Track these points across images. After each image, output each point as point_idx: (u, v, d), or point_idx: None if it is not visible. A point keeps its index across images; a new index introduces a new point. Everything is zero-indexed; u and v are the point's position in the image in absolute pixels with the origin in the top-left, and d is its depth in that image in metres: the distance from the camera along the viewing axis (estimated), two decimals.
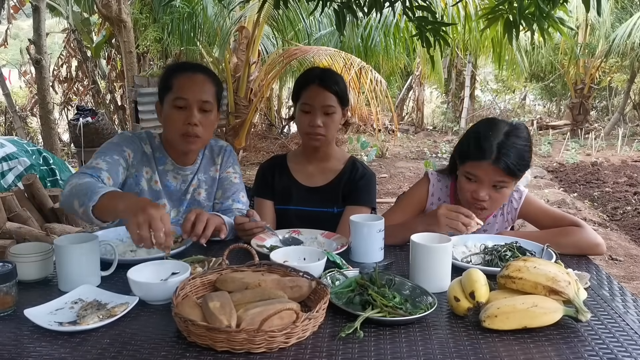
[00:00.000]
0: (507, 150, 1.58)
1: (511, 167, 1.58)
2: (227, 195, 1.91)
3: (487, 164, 1.59)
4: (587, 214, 5.63)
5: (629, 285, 3.71)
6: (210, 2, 6.86)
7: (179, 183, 1.88)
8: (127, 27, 5.65)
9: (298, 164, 2.10)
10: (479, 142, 1.62)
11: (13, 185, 3.94)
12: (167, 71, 1.81)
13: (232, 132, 7.70)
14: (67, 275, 1.32)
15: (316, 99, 1.91)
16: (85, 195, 1.46)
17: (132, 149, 1.80)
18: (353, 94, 7.17)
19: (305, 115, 1.94)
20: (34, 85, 8.12)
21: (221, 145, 1.98)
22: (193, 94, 1.72)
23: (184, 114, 1.72)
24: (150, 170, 1.83)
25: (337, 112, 1.95)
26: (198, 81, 1.74)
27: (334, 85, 1.92)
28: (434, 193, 1.84)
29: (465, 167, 1.66)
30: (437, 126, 14.26)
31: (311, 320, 1.07)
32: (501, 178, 1.60)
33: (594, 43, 11.20)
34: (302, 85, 1.96)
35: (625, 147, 10.18)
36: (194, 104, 1.72)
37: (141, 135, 1.87)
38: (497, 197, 1.65)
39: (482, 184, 1.63)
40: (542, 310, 1.11)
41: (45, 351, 1.03)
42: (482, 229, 1.80)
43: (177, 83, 1.73)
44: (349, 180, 2.04)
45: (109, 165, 1.69)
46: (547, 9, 1.81)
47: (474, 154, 1.62)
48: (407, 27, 6.14)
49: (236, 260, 1.50)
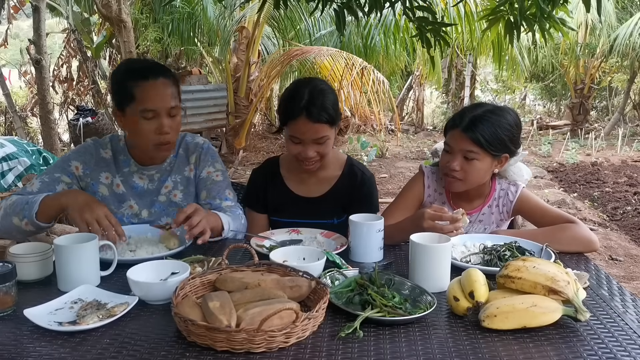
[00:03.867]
0: (478, 121, 1.68)
1: (479, 137, 1.66)
2: (213, 195, 1.86)
3: (457, 131, 1.71)
4: (587, 214, 5.63)
5: (629, 285, 3.70)
6: (211, 2, 6.86)
7: (146, 183, 1.84)
8: (127, 27, 5.64)
9: (292, 171, 1.97)
10: (457, 114, 1.78)
11: (13, 185, 3.94)
12: (122, 78, 1.70)
13: (232, 132, 7.71)
14: (67, 275, 1.32)
15: (306, 134, 1.76)
16: (23, 209, 1.61)
17: (82, 161, 1.79)
18: (354, 94, 7.17)
19: (295, 144, 1.80)
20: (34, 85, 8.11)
21: (197, 142, 1.90)
22: (161, 103, 1.66)
23: (154, 124, 1.67)
24: (110, 174, 1.82)
25: (331, 136, 1.80)
26: (161, 88, 1.67)
27: (323, 114, 1.75)
28: (429, 185, 1.88)
29: (445, 140, 1.78)
30: (437, 126, 14.24)
31: (311, 320, 1.07)
32: (470, 147, 1.69)
33: (594, 43, 11.19)
34: (288, 115, 1.79)
35: (625, 147, 10.17)
36: (162, 112, 1.67)
37: (104, 141, 1.86)
38: (467, 168, 1.71)
39: (454, 154, 1.72)
40: (541, 310, 1.11)
41: (45, 351, 1.03)
42: (477, 219, 1.82)
43: (141, 93, 1.65)
44: (349, 189, 1.94)
45: (43, 185, 1.73)
46: (548, 10, 1.81)
47: (451, 123, 1.76)
48: (407, 27, 6.14)
49: (236, 260, 1.51)
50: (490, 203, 1.83)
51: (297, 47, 7.25)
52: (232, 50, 7.58)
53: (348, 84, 6.96)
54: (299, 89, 1.81)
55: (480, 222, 1.83)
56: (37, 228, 1.63)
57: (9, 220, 1.64)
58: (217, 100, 7.34)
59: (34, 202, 1.60)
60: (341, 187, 1.95)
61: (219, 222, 1.70)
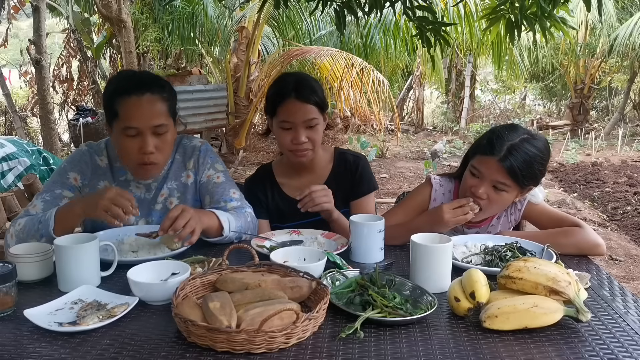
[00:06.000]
0: (516, 152, 1.58)
1: (515, 170, 1.58)
2: (216, 198, 1.78)
3: (493, 160, 1.60)
4: (587, 214, 5.63)
5: (629, 285, 3.70)
6: (211, 2, 6.86)
7: (143, 192, 1.78)
8: (127, 27, 5.64)
9: (286, 177, 1.95)
10: (492, 139, 1.64)
11: (13, 185, 3.93)
12: (109, 93, 1.63)
13: (232, 132, 7.71)
14: (67, 276, 1.32)
15: (296, 115, 1.76)
16: (38, 229, 1.55)
17: (78, 171, 1.73)
18: (354, 94, 7.17)
19: (286, 132, 1.79)
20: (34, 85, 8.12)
21: (194, 145, 1.82)
22: (143, 121, 1.57)
23: (137, 142, 1.59)
24: (108, 182, 1.75)
25: (320, 122, 1.80)
26: (146, 105, 1.58)
27: (313, 95, 1.76)
28: (436, 198, 1.82)
29: (473, 161, 1.68)
30: (437, 126, 14.24)
31: (311, 321, 1.06)
32: (503, 179, 1.60)
33: (594, 43, 11.19)
34: (276, 100, 1.79)
35: (625, 147, 10.18)
36: (146, 130, 1.59)
37: (99, 146, 1.79)
38: (495, 198, 1.64)
39: (483, 180, 1.63)
40: (542, 311, 1.11)
41: (45, 352, 1.03)
42: (486, 231, 1.80)
43: (124, 110, 1.58)
44: (344, 176, 1.92)
45: (46, 204, 1.65)
46: (548, 9, 1.80)
47: (484, 149, 1.64)
48: (406, 26, 6.15)
49: (236, 261, 1.50)
50: (499, 215, 1.82)
51: (297, 47, 7.25)
52: (232, 50, 7.58)
53: (348, 84, 6.96)
54: (285, 77, 1.85)
55: (489, 234, 1.81)
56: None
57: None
58: (217, 100, 7.34)
59: (48, 219, 1.53)
60: (336, 176, 1.93)
61: (214, 220, 1.62)
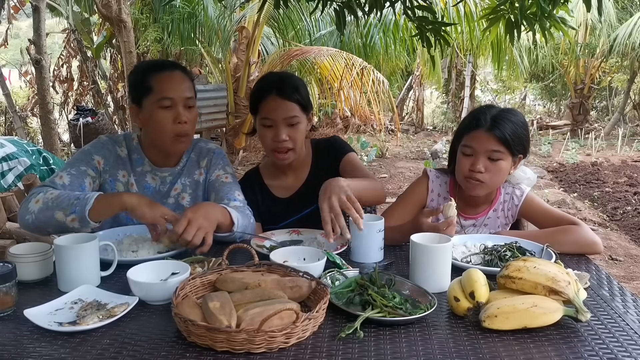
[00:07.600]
0: (501, 120, 1.65)
1: (505, 135, 1.63)
2: (221, 195, 1.82)
3: (481, 132, 1.66)
4: (587, 214, 5.63)
5: (629, 285, 3.70)
6: (211, 2, 6.86)
7: (158, 184, 1.84)
8: (127, 27, 5.65)
9: (274, 178, 1.97)
10: (475, 115, 1.71)
11: (13, 185, 3.93)
12: (141, 72, 1.76)
13: (232, 132, 7.71)
14: (67, 276, 1.32)
15: (277, 112, 1.77)
16: (72, 204, 1.53)
17: (103, 155, 1.78)
18: (354, 94, 7.17)
19: (267, 129, 1.80)
20: (34, 85, 8.12)
21: (210, 147, 1.91)
22: (177, 92, 1.71)
23: (172, 114, 1.70)
24: (127, 173, 1.81)
25: (302, 121, 1.81)
26: (178, 79, 1.73)
27: (295, 94, 1.77)
28: (433, 189, 1.85)
29: (462, 143, 1.72)
30: (437, 126, 14.25)
31: (311, 321, 1.07)
32: (496, 147, 1.65)
33: (594, 43, 11.20)
34: (258, 97, 1.80)
35: (625, 147, 10.18)
36: (179, 102, 1.71)
37: (118, 138, 1.85)
38: (493, 169, 1.67)
39: (478, 155, 1.67)
40: (542, 311, 1.11)
41: (45, 351, 1.03)
42: (482, 223, 1.81)
43: (158, 83, 1.70)
44: (325, 159, 1.93)
45: (72, 178, 1.68)
46: (548, 9, 1.80)
47: (469, 126, 1.70)
48: (406, 26, 6.14)
49: (236, 261, 1.50)
50: (495, 207, 1.82)
51: (297, 47, 7.25)
52: (232, 50, 7.59)
53: (348, 84, 6.96)
54: (269, 75, 1.90)
55: (486, 226, 1.82)
56: (83, 225, 1.53)
57: (49, 214, 1.54)
58: (217, 100, 7.35)
59: (87, 198, 1.53)
60: (318, 164, 1.94)
61: (227, 216, 1.63)
